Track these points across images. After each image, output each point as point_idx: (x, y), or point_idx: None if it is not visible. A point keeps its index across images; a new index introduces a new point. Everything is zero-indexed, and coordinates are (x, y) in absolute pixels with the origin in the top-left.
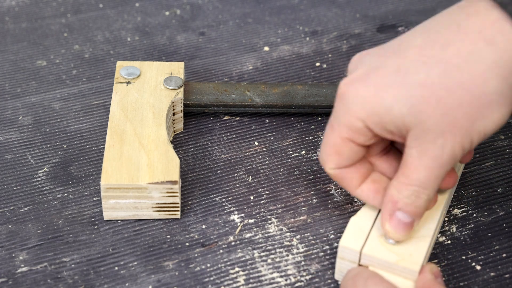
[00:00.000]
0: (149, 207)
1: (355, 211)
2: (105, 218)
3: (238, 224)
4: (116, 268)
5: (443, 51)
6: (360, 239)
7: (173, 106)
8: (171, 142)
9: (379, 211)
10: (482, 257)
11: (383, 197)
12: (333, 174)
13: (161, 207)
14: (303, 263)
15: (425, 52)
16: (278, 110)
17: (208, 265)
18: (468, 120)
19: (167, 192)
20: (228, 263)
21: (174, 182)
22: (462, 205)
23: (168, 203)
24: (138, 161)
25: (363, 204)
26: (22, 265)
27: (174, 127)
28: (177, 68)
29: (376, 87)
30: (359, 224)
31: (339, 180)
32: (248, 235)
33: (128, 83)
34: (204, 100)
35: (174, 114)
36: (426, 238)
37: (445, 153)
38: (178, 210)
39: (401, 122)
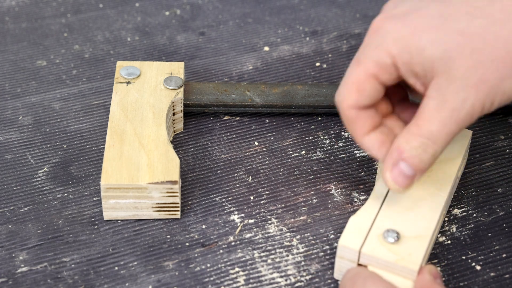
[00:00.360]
0: (149, 207)
1: (355, 211)
2: (105, 218)
3: (238, 224)
4: (116, 268)
5: (489, 4)
6: (359, 238)
7: (173, 106)
8: (171, 142)
9: (379, 210)
10: (482, 257)
11: (388, 150)
12: (347, 115)
13: (161, 207)
14: (303, 263)
15: (470, 3)
16: (278, 110)
17: (208, 265)
18: (497, 77)
19: (167, 192)
20: (228, 263)
21: (174, 182)
22: (462, 205)
23: (168, 203)
24: (138, 161)
25: (363, 204)
26: (22, 265)
27: (174, 127)
28: (177, 68)
29: (414, 26)
30: (358, 224)
31: (351, 122)
32: (248, 235)
33: (128, 83)
34: (204, 100)
35: (174, 114)
36: (425, 238)
37: (464, 108)
38: (178, 210)
39: (430, 65)
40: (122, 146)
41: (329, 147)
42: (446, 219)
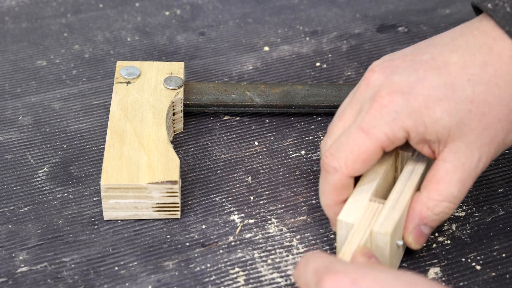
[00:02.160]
0: (149, 207)
1: None
2: (105, 218)
3: (238, 224)
4: (116, 268)
5: (483, 71)
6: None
7: (173, 106)
8: (171, 142)
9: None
10: (482, 257)
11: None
12: (342, 182)
13: (161, 207)
14: None
15: (467, 70)
16: (278, 110)
17: (208, 265)
18: (504, 133)
19: (167, 192)
20: (228, 263)
21: (174, 182)
22: (462, 205)
23: (168, 203)
24: (138, 161)
25: None
26: (22, 265)
27: (174, 127)
28: (177, 68)
29: (424, 100)
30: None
31: (340, 189)
32: (248, 235)
33: (128, 83)
34: (204, 100)
35: (174, 114)
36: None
37: (479, 166)
38: (178, 210)
39: (446, 133)
40: (122, 146)
41: None
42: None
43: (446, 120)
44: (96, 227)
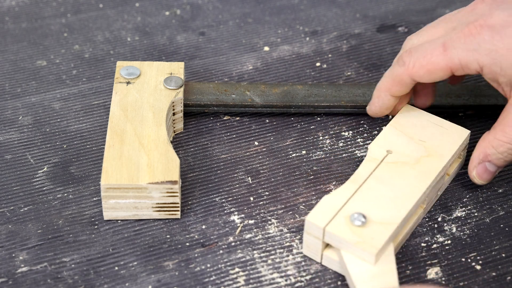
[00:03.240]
0: (149, 207)
1: None
2: (105, 218)
3: (238, 225)
4: (116, 268)
5: None
6: (327, 217)
7: (173, 106)
8: (171, 142)
9: (354, 194)
10: (482, 257)
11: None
12: (403, 80)
13: (161, 207)
14: (303, 263)
15: None
16: (278, 110)
17: (208, 265)
18: None
19: (167, 192)
20: (228, 263)
21: (174, 182)
22: (462, 205)
23: (168, 203)
24: (138, 161)
25: None
26: (22, 265)
27: (174, 127)
28: (177, 68)
29: (509, 43)
30: (330, 203)
31: (396, 82)
32: (248, 235)
33: (128, 83)
34: (204, 100)
35: (174, 114)
36: (392, 226)
37: None
38: (178, 210)
39: None
40: (122, 146)
41: (329, 147)
42: (446, 218)
43: None
44: (96, 227)
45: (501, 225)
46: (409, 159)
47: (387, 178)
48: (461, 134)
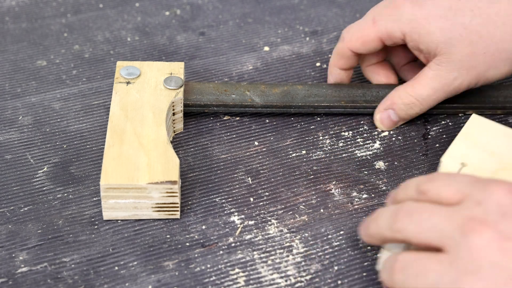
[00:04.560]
0: (149, 207)
1: (356, 210)
2: (104, 218)
3: (238, 226)
4: (116, 268)
5: (487, 6)
6: None
7: (173, 106)
8: (171, 142)
9: None
10: None
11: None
12: (341, 51)
13: (160, 207)
14: (303, 263)
15: (475, 2)
16: (278, 110)
17: (208, 265)
18: (485, 66)
19: (167, 192)
20: (228, 264)
21: (174, 182)
22: None
23: (168, 203)
24: (137, 161)
25: (363, 203)
26: (22, 265)
27: (174, 127)
28: (177, 68)
29: (427, 13)
30: None
31: (340, 55)
32: (248, 236)
33: (128, 83)
34: (204, 100)
35: (174, 114)
36: None
37: (453, 84)
38: (177, 210)
39: (435, 46)
40: (122, 146)
41: (329, 147)
42: None
43: (438, 35)
44: (96, 227)
45: None
46: (485, 172)
47: None
48: None
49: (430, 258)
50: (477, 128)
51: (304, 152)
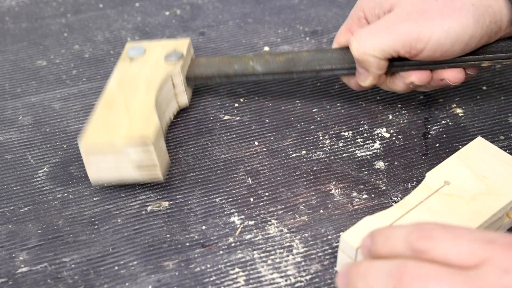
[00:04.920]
0: (130, 167)
1: (356, 211)
2: (92, 183)
3: (238, 226)
4: (116, 267)
5: None
6: (362, 237)
7: (172, 78)
8: (175, 116)
9: (397, 219)
10: None
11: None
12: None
13: (141, 166)
14: (303, 263)
15: None
16: (280, 77)
17: (208, 265)
18: (438, 13)
19: (143, 151)
20: (228, 264)
21: (147, 139)
22: None
23: (147, 163)
24: (120, 123)
25: (363, 203)
26: (22, 265)
27: (177, 101)
28: (183, 44)
29: None
30: (370, 224)
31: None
32: (248, 236)
33: (131, 59)
34: (206, 72)
35: (174, 87)
36: None
37: (410, 34)
38: (158, 170)
39: (388, 6)
40: (109, 112)
41: (329, 147)
42: None
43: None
44: (96, 227)
45: None
46: (465, 193)
47: (437, 210)
48: None
49: None
50: (476, 150)
51: (304, 152)
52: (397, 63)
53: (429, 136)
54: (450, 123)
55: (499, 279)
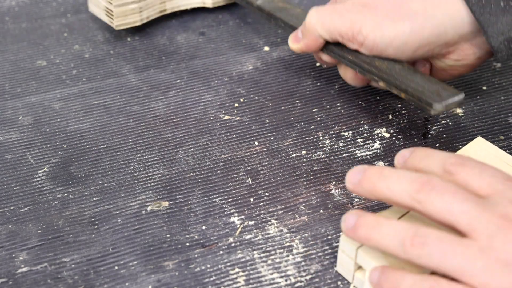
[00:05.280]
0: (102, 8)
1: None
2: (89, 9)
3: (238, 226)
4: (116, 267)
5: None
6: None
7: None
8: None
9: (398, 218)
10: None
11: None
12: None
13: (107, 10)
14: (303, 263)
15: None
16: (262, 16)
17: (208, 265)
18: (382, 12)
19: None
20: (228, 264)
21: None
22: None
23: (109, 9)
24: None
25: (363, 203)
26: (22, 266)
27: None
28: None
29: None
30: None
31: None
32: (248, 236)
33: None
34: None
35: None
36: None
37: (352, 26)
38: (112, 18)
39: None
40: None
41: (329, 147)
42: None
43: None
44: (96, 227)
45: None
46: None
47: None
48: None
49: (456, 241)
50: (477, 150)
51: (304, 152)
52: (336, 49)
53: (429, 136)
54: (450, 123)
55: (505, 208)
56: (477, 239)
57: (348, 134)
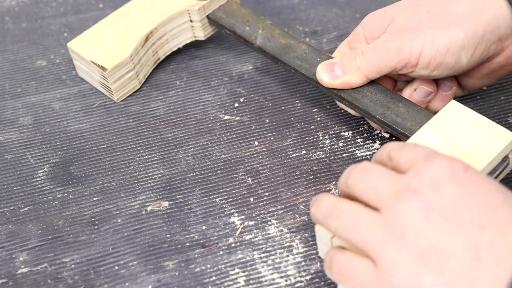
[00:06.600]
0: (96, 81)
1: None
2: (78, 74)
3: (238, 226)
4: (116, 267)
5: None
6: None
7: (189, 13)
8: (190, 44)
9: None
10: None
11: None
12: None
13: (103, 84)
14: (303, 263)
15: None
16: (269, 58)
17: (208, 266)
18: (430, 26)
19: (102, 75)
20: (228, 264)
21: (104, 69)
22: None
23: (106, 85)
24: (107, 41)
25: None
26: (23, 266)
27: (194, 33)
28: None
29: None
30: None
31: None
32: (248, 236)
33: None
34: (223, 21)
35: (191, 21)
36: None
37: (403, 48)
38: (112, 94)
39: (386, 23)
40: (108, 26)
41: (329, 147)
42: None
43: (388, 14)
44: (96, 227)
45: None
46: None
47: None
48: (504, 138)
49: (366, 215)
50: (450, 116)
51: (304, 152)
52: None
53: None
54: None
55: (410, 180)
56: (381, 213)
57: (348, 134)
